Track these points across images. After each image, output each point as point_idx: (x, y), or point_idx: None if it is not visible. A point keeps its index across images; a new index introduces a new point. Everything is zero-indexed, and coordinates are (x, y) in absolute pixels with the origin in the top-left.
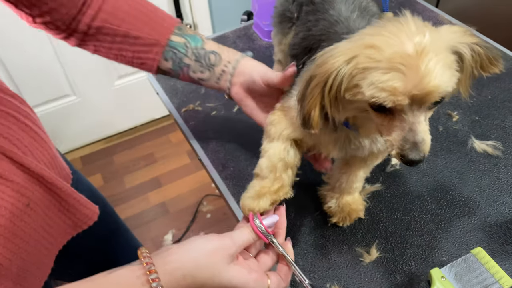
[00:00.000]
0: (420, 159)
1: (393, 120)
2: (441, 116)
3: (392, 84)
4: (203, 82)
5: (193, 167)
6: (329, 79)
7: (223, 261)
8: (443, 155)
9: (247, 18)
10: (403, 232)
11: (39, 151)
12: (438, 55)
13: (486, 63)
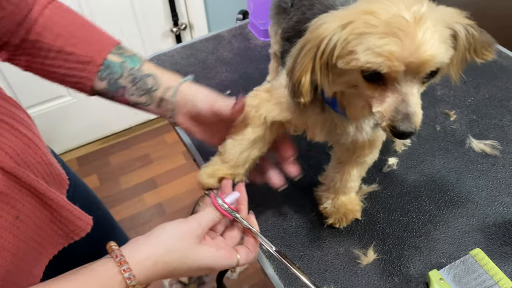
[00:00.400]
0: (411, 131)
1: (385, 90)
2: (439, 115)
3: (389, 48)
4: (142, 106)
5: (188, 168)
6: (321, 44)
7: (191, 243)
8: (441, 155)
9: (243, 17)
10: (400, 234)
11: (32, 159)
12: (435, 26)
13: (479, 47)
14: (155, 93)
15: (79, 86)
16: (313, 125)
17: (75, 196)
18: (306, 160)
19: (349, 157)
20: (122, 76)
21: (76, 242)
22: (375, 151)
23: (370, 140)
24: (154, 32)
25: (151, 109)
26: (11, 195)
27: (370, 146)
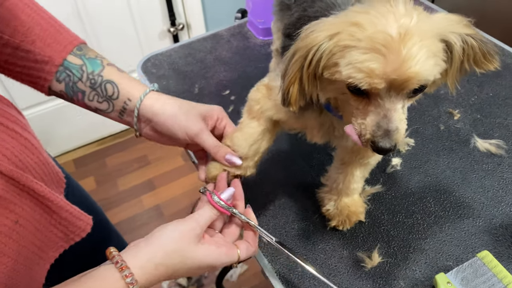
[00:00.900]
0: (390, 148)
1: (369, 104)
2: (442, 114)
3: (369, 65)
4: (103, 113)
5: (186, 169)
6: (309, 54)
7: (191, 243)
8: (445, 154)
9: (241, 16)
10: (405, 236)
11: (30, 159)
12: (423, 40)
13: (480, 57)
14: (116, 102)
15: (35, 85)
16: (312, 127)
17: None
18: (308, 161)
19: (352, 158)
20: (81, 79)
21: (72, 246)
22: None
23: None
24: (151, 32)
25: (113, 117)
26: (10, 199)
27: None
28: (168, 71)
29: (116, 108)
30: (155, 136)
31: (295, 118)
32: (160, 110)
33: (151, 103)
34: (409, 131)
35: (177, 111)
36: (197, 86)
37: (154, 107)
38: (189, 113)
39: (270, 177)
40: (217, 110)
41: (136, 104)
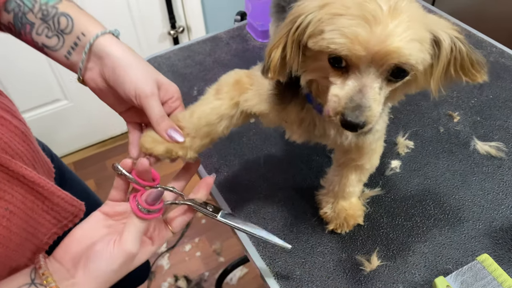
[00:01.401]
0: (357, 124)
1: (347, 78)
2: (442, 117)
3: (354, 30)
4: (49, 51)
5: None
6: (297, 20)
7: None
8: (445, 157)
9: (241, 18)
10: (405, 239)
11: (20, 146)
12: (411, 22)
13: (467, 65)
14: (68, 36)
15: None
16: (292, 122)
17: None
18: (308, 163)
19: (347, 160)
20: (32, 10)
21: None
22: (373, 157)
23: (358, 146)
24: (152, 35)
25: (59, 56)
26: (0, 186)
27: (357, 152)
28: (167, 73)
29: (66, 44)
30: (98, 84)
31: (277, 111)
32: (116, 53)
33: (108, 43)
34: (408, 133)
35: (134, 62)
36: (196, 89)
37: (110, 47)
38: (146, 72)
39: (268, 180)
40: (175, 88)
41: (90, 39)
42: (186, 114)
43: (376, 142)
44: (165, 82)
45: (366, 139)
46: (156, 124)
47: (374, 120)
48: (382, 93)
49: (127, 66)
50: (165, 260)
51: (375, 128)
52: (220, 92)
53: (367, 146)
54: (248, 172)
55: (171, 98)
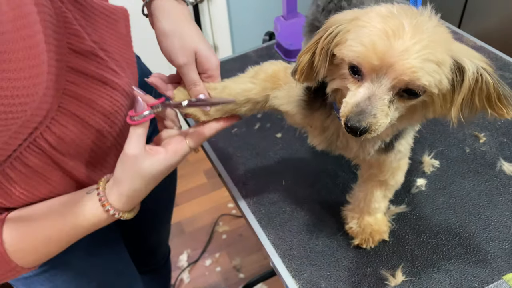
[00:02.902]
0: (357, 127)
1: (361, 86)
2: (467, 137)
3: (371, 39)
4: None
5: (209, 187)
6: (328, 29)
7: (142, 163)
8: (471, 177)
9: (269, 38)
10: (430, 256)
11: (124, 53)
12: (432, 43)
13: (494, 98)
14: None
15: None
16: (316, 127)
17: None
18: (334, 179)
19: (371, 175)
20: None
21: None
22: (398, 174)
23: (379, 162)
24: None
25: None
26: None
27: (379, 168)
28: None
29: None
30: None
31: (303, 115)
32: (161, 19)
33: (160, 4)
34: (434, 152)
35: (174, 31)
36: None
37: (159, 9)
38: (183, 42)
39: (294, 194)
40: (213, 61)
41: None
42: (218, 87)
43: (398, 161)
44: (203, 54)
45: (387, 157)
46: (189, 89)
47: (378, 128)
48: (392, 106)
49: (165, 35)
50: (185, 274)
51: (398, 148)
52: (257, 77)
53: (388, 163)
54: (274, 186)
55: (206, 70)
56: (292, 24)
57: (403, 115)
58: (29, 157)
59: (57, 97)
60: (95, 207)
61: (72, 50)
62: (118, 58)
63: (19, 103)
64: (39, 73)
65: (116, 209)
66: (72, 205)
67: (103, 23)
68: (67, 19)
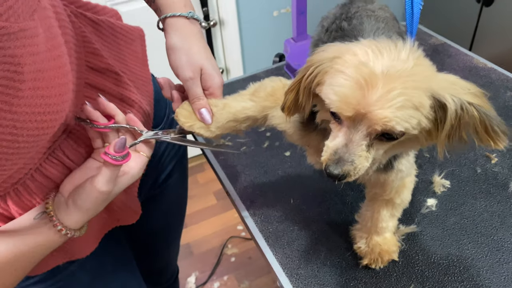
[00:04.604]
0: (337, 175)
1: (340, 130)
2: (479, 158)
3: (344, 91)
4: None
5: (219, 208)
6: (310, 69)
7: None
8: (482, 197)
9: (279, 60)
10: (441, 277)
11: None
12: (407, 89)
13: (481, 131)
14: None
15: None
16: (313, 147)
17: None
18: (342, 198)
19: (376, 194)
20: None
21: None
22: (403, 192)
23: (380, 182)
24: None
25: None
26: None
27: (381, 187)
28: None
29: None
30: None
31: (299, 135)
32: (172, 35)
33: (171, 23)
34: (444, 172)
35: (183, 48)
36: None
37: (171, 28)
38: (191, 58)
39: (302, 213)
40: (217, 80)
41: (160, 16)
42: (219, 104)
43: (401, 180)
44: (208, 72)
45: (387, 176)
46: (192, 102)
47: (357, 173)
48: (373, 150)
49: (173, 50)
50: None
51: (398, 168)
52: (256, 95)
53: (390, 182)
54: (282, 204)
55: (208, 88)
56: (301, 46)
57: (390, 148)
58: (48, 168)
59: (75, 112)
60: (51, 232)
61: (90, 68)
62: (134, 76)
63: (49, 120)
64: (67, 91)
65: (71, 229)
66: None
67: (120, 43)
68: (86, 38)
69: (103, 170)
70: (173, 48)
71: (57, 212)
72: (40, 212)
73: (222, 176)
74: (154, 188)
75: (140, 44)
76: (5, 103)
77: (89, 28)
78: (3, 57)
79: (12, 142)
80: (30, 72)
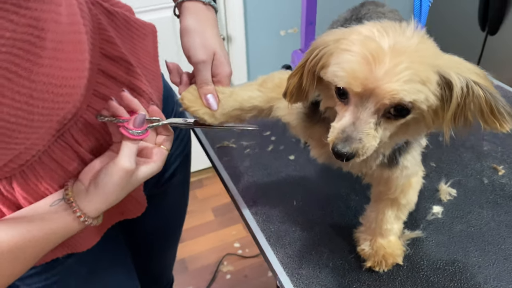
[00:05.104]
0: (345, 153)
1: (347, 110)
2: (486, 169)
3: (352, 66)
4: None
5: (216, 225)
6: (313, 52)
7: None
8: (489, 207)
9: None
10: (447, 283)
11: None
12: (413, 63)
13: (487, 112)
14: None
15: None
16: (316, 140)
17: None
18: (346, 202)
19: (380, 194)
20: None
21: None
22: (409, 192)
23: (384, 178)
24: None
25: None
26: None
27: (386, 184)
28: None
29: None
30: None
31: (303, 127)
32: (188, 17)
33: (188, 7)
34: (450, 182)
35: (198, 30)
36: None
37: (187, 11)
38: (205, 41)
39: (305, 214)
40: (226, 69)
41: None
42: (226, 91)
43: (406, 178)
44: (219, 59)
45: (392, 173)
46: (199, 86)
47: (365, 152)
48: (380, 128)
49: (188, 31)
50: None
51: (403, 164)
52: (264, 86)
53: (394, 179)
54: (285, 206)
55: (217, 75)
56: None
57: (397, 131)
58: (56, 151)
59: (87, 97)
60: (69, 219)
61: (103, 54)
62: (145, 70)
63: (65, 93)
64: (84, 68)
65: (90, 217)
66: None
67: (133, 36)
68: (102, 25)
69: (122, 146)
70: (188, 29)
71: (77, 199)
72: (57, 199)
73: (224, 176)
74: (157, 186)
75: (152, 40)
76: (25, 70)
77: (104, 17)
78: (29, 18)
79: (28, 112)
80: (51, 41)
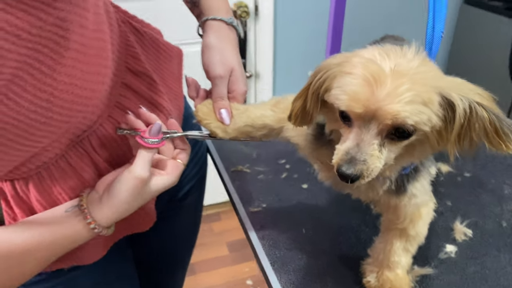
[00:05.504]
0: (349, 175)
1: (350, 132)
2: (505, 212)
3: (353, 88)
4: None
5: (230, 260)
6: (318, 75)
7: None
8: (507, 251)
9: None
10: None
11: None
12: (415, 84)
13: (492, 133)
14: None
15: None
16: (323, 163)
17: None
18: (357, 233)
19: (389, 223)
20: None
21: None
22: (418, 223)
23: (392, 205)
24: None
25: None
26: None
27: (394, 212)
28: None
29: (195, 12)
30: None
31: (311, 149)
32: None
33: (211, 26)
34: (466, 222)
35: (218, 48)
36: (255, 152)
37: (210, 29)
38: (224, 58)
39: (313, 243)
40: (242, 88)
41: (202, 19)
42: (240, 108)
43: (415, 207)
44: (236, 75)
45: (399, 200)
46: (214, 100)
47: (370, 173)
48: (384, 150)
49: (208, 47)
50: None
51: (411, 191)
52: (277, 106)
53: (402, 207)
54: (293, 233)
55: (232, 91)
56: None
57: (402, 153)
58: (74, 157)
59: (109, 107)
60: (80, 225)
61: (128, 69)
62: (168, 88)
63: (85, 96)
64: (106, 74)
65: (100, 225)
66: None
67: (159, 57)
68: (129, 42)
69: (137, 155)
70: (209, 46)
71: (90, 206)
72: (73, 206)
73: (235, 198)
74: (170, 205)
75: (177, 62)
76: (48, 68)
77: (132, 35)
78: (55, 18)
79: (47, 110)
80: (75, 42)
